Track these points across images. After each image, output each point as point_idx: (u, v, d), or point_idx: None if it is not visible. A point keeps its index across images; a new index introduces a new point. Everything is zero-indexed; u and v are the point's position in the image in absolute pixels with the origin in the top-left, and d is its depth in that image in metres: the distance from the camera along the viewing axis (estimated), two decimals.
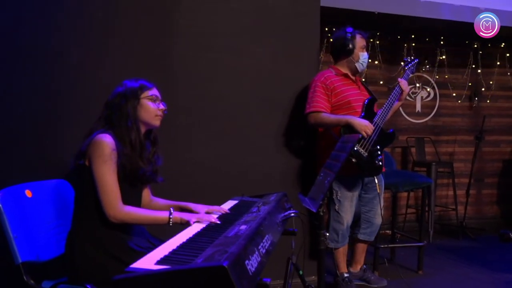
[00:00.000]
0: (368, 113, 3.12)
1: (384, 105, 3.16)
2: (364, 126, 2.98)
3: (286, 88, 3.27)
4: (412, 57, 3.49)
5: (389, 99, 3.18)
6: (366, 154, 3.02)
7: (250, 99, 3.17)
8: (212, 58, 3.08)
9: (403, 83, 3.23)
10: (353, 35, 3.21)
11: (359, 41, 3.22)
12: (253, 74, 3.18)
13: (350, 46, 3.19)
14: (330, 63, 5.16)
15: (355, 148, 2.97)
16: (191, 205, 2.17)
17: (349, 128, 2.99)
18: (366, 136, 2.99)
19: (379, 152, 3.09)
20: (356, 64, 3.23)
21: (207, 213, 2.08)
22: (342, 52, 3.23)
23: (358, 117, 3.05)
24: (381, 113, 3.12)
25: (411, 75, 3.48)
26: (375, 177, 3.16)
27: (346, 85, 3.20)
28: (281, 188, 2.72)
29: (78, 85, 2.75)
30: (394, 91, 3.23)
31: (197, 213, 2.06)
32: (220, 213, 2.08)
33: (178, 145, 2.92)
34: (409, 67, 3.44)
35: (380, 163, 3.09)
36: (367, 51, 3.32)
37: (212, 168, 3.06)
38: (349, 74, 3.27)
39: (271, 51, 3.23)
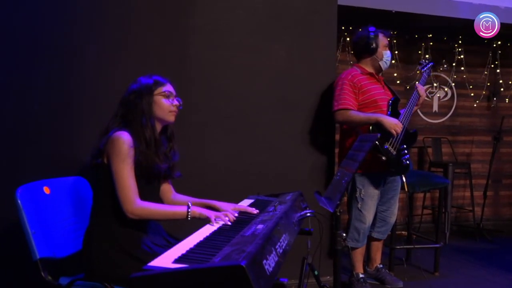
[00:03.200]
0: (394, 113, 3.16)
1: (407, 106, 3.20)
2: (394, 124, 3.02)
3: (301, 87, 3.24)
4: (427, 60, 3.48)
5: (409, 102, 3.22)
6: (395, 152, 3.05)
7: (264, 98, 3.16)
8: (226, 56, 3.07)
9: (420, 88, 3.25)
10: (376, 34, 3.25)
11: (382, 39, 3.26)
12: (268, 72, 3.17)
13: (374, 45, 3.22)
14: (346, 62, 5.20)
15: (385, 146, 3.02)
16: (217, 203, 2.15)
17: (378, 126, 3.01)
18: (395, 135, 3.02)
19: (406, 151, 3.12)
20: (380, 63, 3.27)
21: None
22: (365, 51, 3.27)
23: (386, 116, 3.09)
24: (405, 114, 3.16)
25: (427, 77, 3.47)
26: (402, 176, 3.20)
27: (372, 83, 3.23)
28: (295, 188, 2.70)
29: (94, 82, 2.77)
30: (413, 95, 3.26)
31: (222, 211, 2.03)
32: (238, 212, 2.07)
33: (191, 143, 2.91)
34: (425, 70, 3.44)
35: (407, 162, 3.12)
36: (389, 49, 3.33)
37: (225, 167, 3.06)
38: (374, 73, 3.30)
39: (286, 49, 3.21)
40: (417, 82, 3.33)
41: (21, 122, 2.66)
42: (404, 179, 3.19)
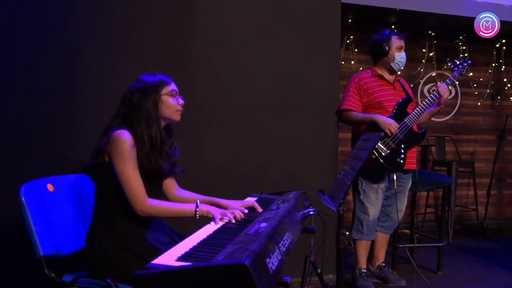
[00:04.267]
0: (399, 113, 3.19)
1: (418, 107, 3.19)
2: (388, 124, 3.07)
3: (304, 85, 3.24)
4: (466, 58, 3.45)
5: (424, 101, 3.21)
6: (388, 151, 3.08)
7: (268, 96, 3.16)
8: (229, 56, 3.07)
9: (441, 88, 3.24)
10: (389, 36, 3.31)
11: (395, 41, 3.31)
12: (271, 72, 3.17)
13: (386, 47, 3.28)
14: (350, 60, 5.19)
15: (376, 145, 3.03)
16: (224, 201, 2.13)
17: (374, 126, 3.09)
18: (389, 134, 3.07)
19: (402, 151, 3.13)
20: (392, 64, 3.31)
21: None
22: (378, 53, 3.34)
23: (386, 116, 3.12)
24: (413, 114, 3.18)
25: (458, 77, 3.45)
26: (394, 174, 3.18)
27: (379, 85, 3.28)
28: (298, 186, 2.70)
29: (96, 81, 2.77)
30: (432, 95, 3.25)
31: (229, 209, 2.02)
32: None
33: (193, 142, 2.91)
34: (459, 69, 3.41)
35: (402, 161, 3.14)
36: (405, 51, 3.35)
37: (228, 166, 3.05)
38: (385, 75, 3.34)
39: (289, 48, 3.21)
40: (439, 82, 3.33)
41: (24, 121, 2.66)
42: (395, 177, 3.18)
